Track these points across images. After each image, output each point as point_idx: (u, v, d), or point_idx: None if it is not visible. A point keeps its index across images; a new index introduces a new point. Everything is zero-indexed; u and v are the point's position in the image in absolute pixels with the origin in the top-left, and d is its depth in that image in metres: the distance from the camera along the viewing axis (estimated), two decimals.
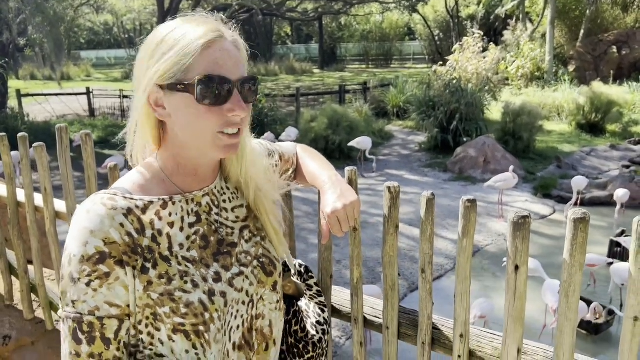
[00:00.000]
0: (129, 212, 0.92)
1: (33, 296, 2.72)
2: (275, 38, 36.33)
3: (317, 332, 1.20)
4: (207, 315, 0.93)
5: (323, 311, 1.26)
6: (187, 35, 0.90)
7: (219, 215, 1.04)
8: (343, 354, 4.51)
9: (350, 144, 10.24)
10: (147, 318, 0.92)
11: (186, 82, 0.89)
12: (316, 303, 1.26)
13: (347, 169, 1.43)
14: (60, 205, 2.40)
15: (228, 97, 0.91)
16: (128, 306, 0.90)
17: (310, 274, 1.27)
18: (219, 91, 0.90)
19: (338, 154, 10.82)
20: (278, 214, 1.12)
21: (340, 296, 1.64)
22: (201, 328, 0.93)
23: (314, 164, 1.27)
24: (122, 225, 0.90)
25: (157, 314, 0.91)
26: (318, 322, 1.23)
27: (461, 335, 1.36)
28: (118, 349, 0.89)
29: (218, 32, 0.91)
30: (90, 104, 15.55)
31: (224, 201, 1.06)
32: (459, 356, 1.37)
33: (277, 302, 1.09)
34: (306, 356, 1.17)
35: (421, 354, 1.45)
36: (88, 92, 15.51)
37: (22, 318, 2.70)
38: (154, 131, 0.98)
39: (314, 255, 5.47)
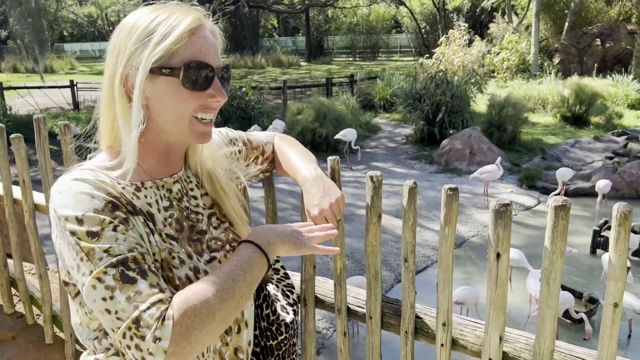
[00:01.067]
0: (110, 185, 0.91)
1: (13, 290, 2.68)
2: (262, 30, 36.09)
3: (288, 314, 1.21)
4: None
5: (292, 293, 1.27)
6: (172, 22, 0.92)
7: (188, 202, 1.05)
8: (331, 344, 4.52)
9: (337, 136, 10.25)
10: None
11: (172, 67, 0.91)
12: (284, 286, 1.26)
13: (330, 158, 1.42)
14: (39, 197, 2.36)
15: (210, 83, 0.94)
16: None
17: (275, 258, 1.27)
18: (203, 77, 0.93)
19: (325, 147, 10.81)
20: (238, 199, 1.13)
21: (324, 286, 1.63)
22: None
23: (294, 156, 1.26)
24: (113, 187, 0.91)
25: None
26: (288, 304, 1.24)
27: (443, 324, 1.36)
28: (163, 282, 0.86)
29: (200, 21, 0.94)
30: (74, 97, 15.31)
31: (191, 189, 1.07)
32: (442, 344, 1.37)
33: None
34: (279, 337, 1.17)
35: (404, 343, 1.45)
36: (72, 85, 15.27)
37: (2, 312, 2.66)
38: (127, 116, 0.96)
39: None
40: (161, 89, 0.92)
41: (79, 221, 0.84)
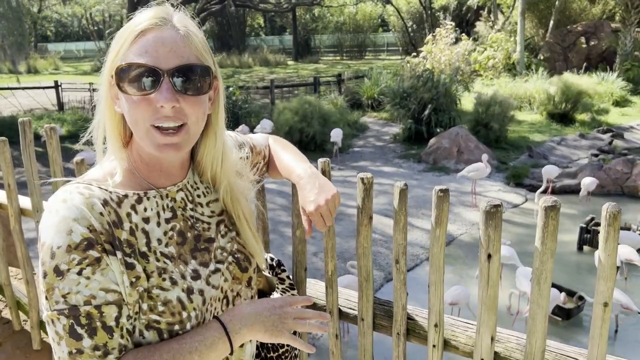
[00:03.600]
0: (105, 203, 0.88)
1: None
2: (249, 29, 35.94)
3: None
4: (184, 314, 0.91)
5: None
6: (128, 25, 0.89)
7: (194, 210, 1.01)
8: (321, 345, 4.52)
9: (333, 139, 10.34)
10: (137, 313, 0.88)
11: (115, 71, 0.87)
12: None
13: (320, 160, 1.41)
14: (25, 202, 2.33)
15: (155, 86, 0.86)
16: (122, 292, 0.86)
17: (282, 268, 1.26)
18: (142, 81, 0.86)
19: (313, 146, 10.81)
20: (251, 209, 1.10)
21: (315, 288, 1.63)
22: (176, 327, 0.90)
23: (288, 156, 1.25)
24: (101, 214, 0.86)
25: (141, 308, 0.88)
26: None
27: (435, 325, 1.36)
28: (122, 337, 0.84)
29: (157, 20, 0.88)
30: (58, 97, 15.13)
31: (198, 196, 1.03)
32: (434, 345, 1.37)
33: (252, 297, 1.07)
34: (281, 350, 1.16)
35: (396, 344, 1.45)
36: (56, 86, 15.08)
37: None
38: (120, 125, 0.94)
39: (290, 248, 5.46)
40: (121, 97, 0.89)
41: (52, 254, 0.82)
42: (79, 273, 0.81)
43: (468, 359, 1.34)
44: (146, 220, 0.92)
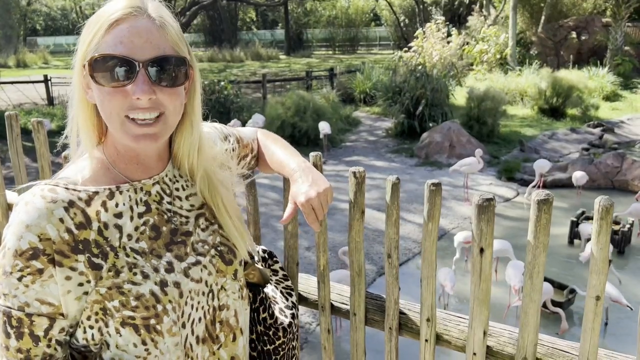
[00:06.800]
0: (70, 204, 0.87)
1: None
2: (240, 23, 35.74)
3: (287, 317, 1.19)
4: (159, 307, 0.89)
5: (291, 295, 1.24)
6: (100, 13, 0.87)
7: (171, 204, 0.99)
8: (314, 339, 4.52)
9: (325, 133, 10.30)
10: (97, 314, 0.88)
11: (89, 62, 0.86)
12: (283, 288, 1.24)
13: (312, 154, 1.40)
14: (13, 196, 2.30)
15: (130, 78, 0.85)
16: (61, 305, 0.86)
17: (274, 259, 1.25)
18: (116, 72, 0.84)
19: (305, 141, 10.78)
20: (234, 200, 1.08)
21: (307, 283, 1.62)
22: (152, 321, 0.89)
23: (280, 150, 1.23)
24: (61, 220, 0.85)
25: (106, 308, 0.88)
26: (287, 307, 1.21)
27: (428, 320, 1.36)
28: (49, 346, 0.87)
29: (132, 9, 0.86)
30: (48, 92, 14.98)
31: (177, 189, 1.01)
32: (426, 340, 1.37)
33: (240, 290, 1.06)
34: (277, 342, 1.15)
35: (388, 339, 1.45)
36: (46, 80, 14.93)
37: None
38: (93, 117, 0.93)
39: (282, 243, 5.45)
40: (93, 88, 0.88)
41: (3, 253, 0.84)
42: (19, 279, 0.84)
43: (460, 353, 1.34)
44: (118, 215, 0.91)
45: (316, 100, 11.92)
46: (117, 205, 0.91)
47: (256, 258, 1.22)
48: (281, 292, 1.23)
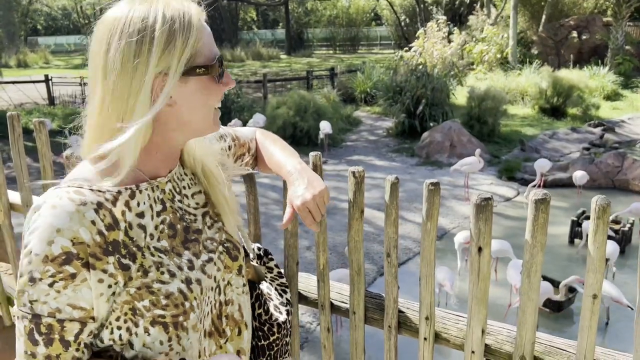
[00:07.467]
0: (99, 206, 0.85)
1: None
2: (241, 23, 35.76)
3: (281, 313, 1.20)
4: (187, 305, 0.91)
5: (285, 292, 1.25)
6: (185, 19, 0.87)
7: (181, 202, 1.01)
8: (314, 338, 4.53)
9: (326, 132, 10.30)
10: (126, 314, 0.88)
11: (205, 65, 0.89)
12: (278, 285, 1.25)
13: (311, 154, 1.41)
14: (14, 197, 2.31)
15: (224, 72, 0.95)
16: (93, 308, 0.85)
17: (269, 257, 1.26)
18: (222, 69, 0.94)
19: (306, 141, 10.79)
20: (234, 199, 1.10)
21: (307, 282, 1.63)
22: (181, 318, 0.91)
23: (278, 151, 1.24)
24: (93, 222, 0.84)
25: (135, 308, 0.88)
26: (281, 303, 1.23)
27: (427, 318, 1.37)
28: (77, 350, 0.85)
29: (201, 10, 0.92)
30: (49, 91, 15.00)
31: (184, 187, 1.03)
32: (425, 338, 1.38)
33: (244, 285, 1.09)
34: (272, 338, 1.17)
35: (388, 337, 1.46)
36: (47, 80, 14.95)
37: None
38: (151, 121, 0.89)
39: (283, 242, 5.46)
40: (192, 89, 0.90)
41: (30, 259, 0.82)
42: (51, 285, 0.81)
43: (459, 351, 1.35)
44: (140, 215, 0.91)
45: (317, 100, 11.93)
46: (138, 204, 0.91)
47: (251, 255, 1.24)
48: (276, 289, 1.24)
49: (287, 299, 1.24)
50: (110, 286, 0.85)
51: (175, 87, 0.88)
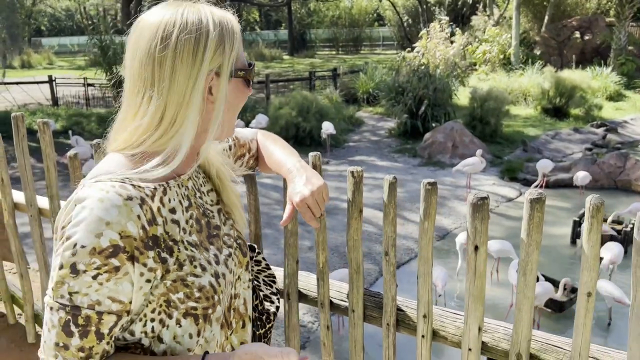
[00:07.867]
0: (142, 201, 0.88)
1: None
2: (244, 24, 35.67)
3: (273, 302, 1.24)
4: (215, 298, 0.95)
5: (274, 282, 1.29)
6: (230, 24, 0.95)
7: (201, 198, 1.05)
8: (316, 338, 4.55)
9: (329, 132, 10.32)
10: (161, 306, 0.91)
11: (244, 68, 0.97)
12: (265, 277, 1.28)
13: (311, 154, 1.43)
14: (19, 196, 2.33)
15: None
16: (130, 302, 0.87)
17: (257, 251, 1.30)
18: (253, 74, 1.01)
19: (309, 141, 10.80)
20: (239, 197, 1.14)
21: (307, 281, 1.65)
22: (210, 311, 0.94)
23: (278, 151, 1.27)
24: (138, 217, 0.86)
25: (170, 300, 0.91)
26: (272, 293, 1.26)
27: (424, 316, 1.38)
28: (108, 343, 0.87)
29: (236, 18, 0.99)
30: (53, 92, 15.06)
31: (201, 185, 1.07)
32: (423, 336, 1.40)
33: (249, 280, 1.12)
34: (267, 326, 1.21)
35: (386, 335, 1.47)
36: (51, 81, 15.01)
37: None
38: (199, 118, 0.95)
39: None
40: (231, 89, 0.97)
41: (75, 251, 0.82)
42: (94, 277, 0.82)
43: (456, 349, 1.37)
44: (172, 210, 0.94)
45: (319, 101, 11.95)
46: (169, 200, 0.94)
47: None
48: (263, 280, 1.28)
49: (276, 288, 1.28)
50: (149, 280, 0.88)
51: (220, 85, 0.94)
